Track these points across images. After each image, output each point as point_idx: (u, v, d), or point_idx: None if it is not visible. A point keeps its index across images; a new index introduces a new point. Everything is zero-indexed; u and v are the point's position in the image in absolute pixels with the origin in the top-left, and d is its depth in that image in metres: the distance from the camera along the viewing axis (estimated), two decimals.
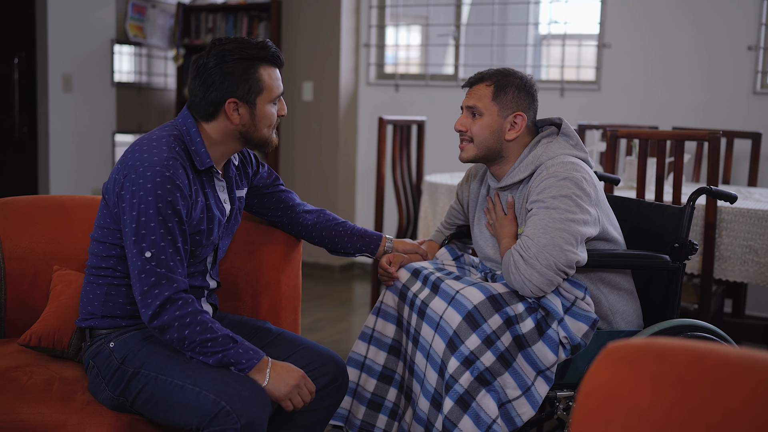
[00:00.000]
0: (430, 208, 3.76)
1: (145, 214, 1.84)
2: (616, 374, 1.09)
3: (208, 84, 1.96)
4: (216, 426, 1.79)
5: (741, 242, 2.99)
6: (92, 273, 2.00)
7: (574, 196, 2.06)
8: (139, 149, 1.91)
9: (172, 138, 1.94)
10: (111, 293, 1.98)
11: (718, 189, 2.31)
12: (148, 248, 1.84)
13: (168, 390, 1.86)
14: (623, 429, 1.05)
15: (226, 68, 1.95)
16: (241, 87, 1.96)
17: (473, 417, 2.00)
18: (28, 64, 5.39)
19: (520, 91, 2.19)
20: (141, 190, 1.85)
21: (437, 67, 5.90)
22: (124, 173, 1.89)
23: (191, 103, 2.01)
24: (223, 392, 1.81)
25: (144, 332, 1.98)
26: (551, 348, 2.07)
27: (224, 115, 1.98)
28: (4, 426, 1.90)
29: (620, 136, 3.07)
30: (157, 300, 1.83)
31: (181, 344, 1.86)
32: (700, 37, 4.70)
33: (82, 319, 2.02)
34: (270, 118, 2.03)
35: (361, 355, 2.33)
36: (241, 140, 2.04)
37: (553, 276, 2.03)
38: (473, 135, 2.20)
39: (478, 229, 2.35)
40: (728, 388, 1.01)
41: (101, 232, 1.98)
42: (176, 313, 1.84)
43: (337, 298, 5.09)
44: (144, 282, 1.84)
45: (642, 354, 1.09)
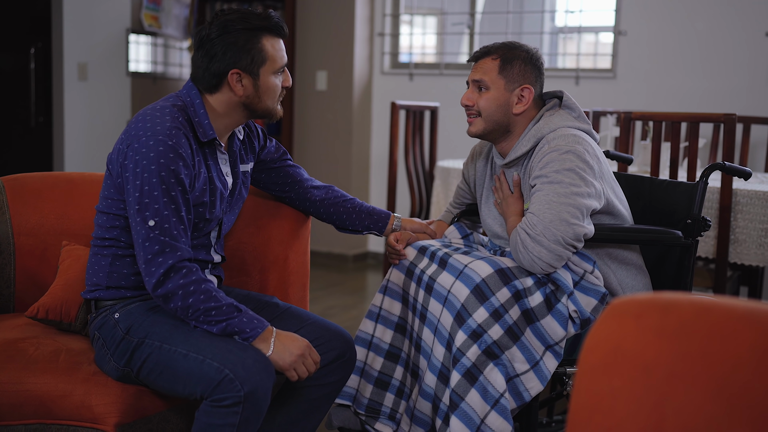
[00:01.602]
0: (442, 193, 3.74)
1: (149, 182, 1.84)
2: (621, 327, 1.07)
3: (211, 55, 1.94)
4: (219, 393, 1.78)
5: (757, 225, 2.95)
6: (97, 244, 2.00)
7: (577, 169, 2.04)
8: (143, 119, 1.91)
9: (176, 108, 1.94)
10: (115, 264, 1.97)
11: (732, 165, 2.28)
12: (151, 217, 1.83)
13: (172, 359, 1.85)
14: (627, 381, 1.03)
15: (228, 39, 1.93)
16: (244, 57, 1.94)
17: (480, 391, 1.98)
18: (44, 54, 5.42)
19: (527, 64, 2.16)
20: (144, 159, 1.84)
21: (452, 55, 5.88)
22: (127, 143, 1.88)
23: (194, 75, 2.00)
24: (227, 360, 1.80)
25: (149, 303, 1.98)
26: (560, 322, 2.05)
27: (227, 87, 1.97)
28: (12, 395, 1.91)
29: (634, 119, 3.04)
30: (161, 268, 1.82)
31: (185, 313, 1.85)
32: (716, 23, 4.66)
33: (88, 290, 2.02)
34: (274, 89, 2.01)
35: (369, 334, 2.32)
36: (245, 112, 2.02)
37: (562, 251, 2.01)
38: (480, 109, 2.17)
39: (485, 207, 2.33)
40: (733, 339, 0.99)
41: (105, 203, 1.98)
42: (180, 282, 1.83)
43: (350, 286, 5.09)
44: (148, 250, 1.83)
45: (647, 307, 1.07)
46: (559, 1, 5.72)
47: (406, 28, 5.84)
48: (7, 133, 5.59)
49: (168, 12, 5.95)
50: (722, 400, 0.96)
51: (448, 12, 5.74)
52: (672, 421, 0.99)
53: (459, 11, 5.67)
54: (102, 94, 5.56)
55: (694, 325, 1.02)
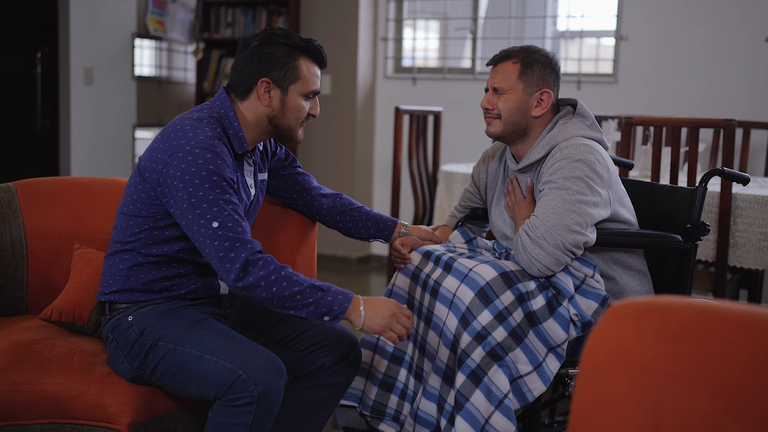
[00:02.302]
0: (445, 197, 3.79)
1: (202, 188, 1.87)
2: (621, 329, 1.11)
3: (248, 60, 2.01)
4: (233, 394, 1.83)
5: (756, 229, 2.99)
6: (118, 248, 2.04)
7: (586, 177, 2.08)
8: (182, 128, 1.94)
9: (213, 120, 1.99)
10: (134, 268, 2.01)
11: (730, 170, 2.32)
12: (213, 219, 1.86)
13: (186, 360, 1.90)
14: (627, 381, 1.08)
15: (268, 49, 2.00)
16: (277, 70, 2.00)
17: (485, 391, 2.02)
18: (51, 58, 5.47)
19: (546, 68, 2.20)
20: (192, 167, 1.87)
21: (454, 60, 5.92)
22: (169, 152, 1.91)
23: (231, 81, 2.06)
24: (240, 361, 1.85)
25: (161, 307, 2.02)
26: (562, 325, 2.09)
27: (256, 95, 2.02)
28: (28, 394, 1.95)
29: (635, 124, 3.09)
30: (236, 263, 1.84)
31: (271, 303, 1.88)
32: (717, 28, 4.70)
33: (102, 293, 2.06)
34: (300, 111, 2.06)
35: (374, 337, 2.36)
36: (269, 127, 2.07)
37: (561, 255, 2.05)
38: (500, 111, 2.20)
39: (496, 210, 2.37)
40: (729, 340, 1.03)
41: (133, 207, 2.00)
42: (260, 273, 1.85)
43: (354, 289, 5.12)
44: (219, 248, 1.85)
45: (646, 310, 1.12)
46: (561, 6, 5.76)
47: (409, 33, 5.90)
48: (13, 137, 5.65)
49: (173, 17, 6.00)
50: (718, 399, 1.00)
51: (451, 17, 5.79)
52: (669, 419, 1.03)
53: (462, 16, 5.72)
54: (108, 97, 5.62)
55: (691, 328, 1.06)
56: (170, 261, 2.02)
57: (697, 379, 1.03)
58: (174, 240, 2.01)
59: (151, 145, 2.01)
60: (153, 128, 6.01)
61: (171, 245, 2.01)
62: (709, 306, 1.08)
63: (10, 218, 2.40)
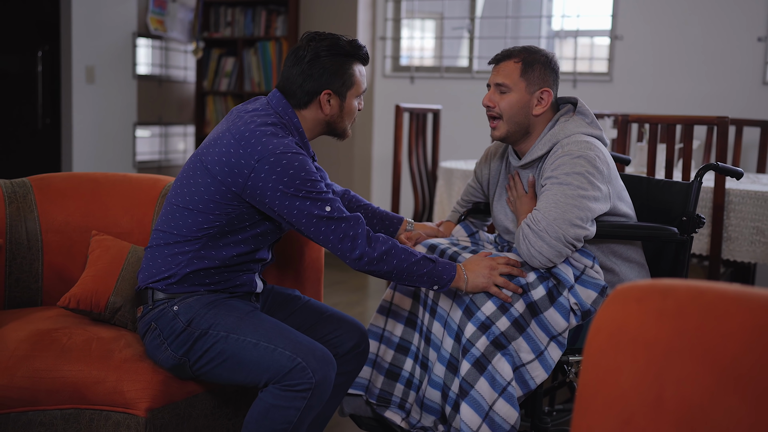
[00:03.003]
0: (445, 193, 3.86)
1: (304, 186, 1.98)
2: (625, 310, 1.19)
3: (306, 74, 2.09)
4: (291, 380, 1.92)
5: (749, 223, 3.07)
6: (172, 239, 2.08)
7: (586, 173, 2.15)
8: (263, 135, 2.01)
9: (281, 127, 2.07)
10: (194, 261, 2.07)
11: (724, 165, 2.40)
12: (324, 205, 2.00)
13: (240, 348, 1.97)
14: (630, 357, 1.15)
15: (324, 62, 2.09)
16: (337, 81, 2.10)
17: (489, 379, 2.10)
18: (52, 57, 5.53)
19: (546, 67, 2.27)
20: (290, 168, 1.98)
21: (452, 59, 6.00)
22: (256, 158, 1.98)
23: (287, 90, 2.12)
24: (299, 350, 1.94)
25: (205, 298, 2.08)
26: (562, 314, 2.16)
27: (317, 105, 2.12)
28: (48, 381, 2.02)
29: (631, 121, 3.17)
30: (357, 239, 2.01)
31: (391, 275, 2.05)
32: (710, 28, 4.79)
33: (147, 282, 2.09)
34: (354, 111, 2.18)
35: (380, 328, 2.44)
36: (325, 128, 2.18)
37: (562, 248, 2.12)
38: (502, 111, 2.26)
39: (498, 204, 2.44)
40: (725, 318, 1.11)
41: (203, 206, 2.04)
42: (382, 248, 2.03)
43: (353, 284, 5.21)
44: (337, 231, 2.01)
45: (648, 291, 1.19)
46: (556, 6, 5.85)
47: (406, 32, 5.97)
48: (15, 135, 5.70)
49: (173, 16, 6.06)
50: (715, 372, 1.08)
51: (448, 16, 5.87)
52: (670, 391, 1.10)
53: (458, 16, 5.80)
54: (109, 96, 5.67)
55: (690, 307, 1.14)
56: (230, 261, 2.09)
57: (696, 354, 1.10)
58: (241, 242, 2.09)
59: (219, 149, 2.04)
60: (153, 126, 6.07)
61: (237, 246, 2.09)
62: (707, 287, 1.15)
63: (26, 212, 2.47)
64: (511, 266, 2.13)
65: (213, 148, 2.05)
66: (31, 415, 2.04)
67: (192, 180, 2.07)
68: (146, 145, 6.06)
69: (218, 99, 6.06)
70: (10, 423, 2.03)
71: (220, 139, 2.05)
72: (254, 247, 2.12)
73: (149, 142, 6.09)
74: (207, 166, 2.05)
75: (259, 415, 1.94)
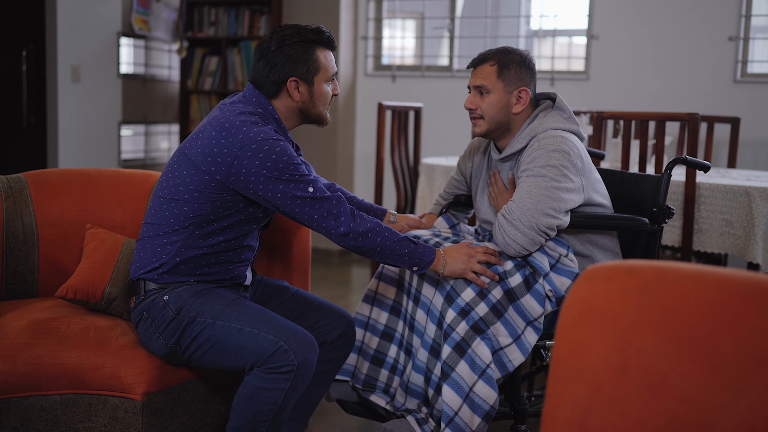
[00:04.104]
0: (427, 188, 3.97)
1: (287, 169, 2.07)
2: (594, 288, 1.29)
3: (271, 65, 2.17)
4: (273, 362, 2.01)
5: (718, 216, 3.19)
6: (160, 230, 2.16)
7: (560, 166, 2.26)
8: (243, 124, 2.09)
9: (259, 116, 2.15)
10: (182, 250, 2.15)
11: (693, 159, 2.52)
12: (306, 186, 2.09)
13: (226, 333, 2.06)
14: (598, 331, 1.26)
15: (287, 51, 2.17)
16: (301, 67, 2.18)
17: (469, 362, 2.20)
18: (36, 57, 5.58)
19: (521, 66, 2.38)
20: (273, 154, 2.06)
21: (432, 58, 6.11)
22: (238, 146, 2.06)
23: (257, 83, 2.21)
24: (281, 334, 2.03)
25: (194, 287, 2.16)
26: (538, 300, 2.27)
27: (286, 93, 2.20)
28: (49, 367, 2.11)
29: (606, 118, 3.29)
30: (341, 217, 2.10)
31: (374, 252, 2.15)
32: (683, 28, 4.93)
33: (139, 273, 2.17)
34: (326, 96, 2.25)
35: (365, 316, 2.54)
36: (301, 116, 2.26)
37: (535, 236, 2.23)
38: (483, 112, 2.37)
39: (481, 197, 2.55)
40: (684, 294, 1.21)
41: (188, 196, 2.13)
42: (367, 225, 2.12)
43: (337, 279, 5.30)
44: (321, 210, 2.10)
45: (614, 271, 1.30)
46: (535, 6, 5.97)
47: (388, 32, 6.07)
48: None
49: (157, 16, 6.13)
50: (675, 342, 1.18)
51: (429, 16, 5.97)
52: (635, 362, 1.21)
53: (439, 16, 5.91)
54: (94, 95, 5.73)
55: (653, 285, 1.24)
56: (217, 248, 2.18)
57: (658, 327, 1.21)
58: (226, 229, 2.17)
59: (201, 141, 2.12)
60: (138, 125, 6.13)
61: (223, 233, 2.17)
62: (668, 266, 1.26)
63: (22, 207, 2.54)
64: (489, 255, 2.23)
65: (196, 141, 2.14)
66: (32, 400, 2.12)
67: (177, 173, 2.16)
68: (130, 144, 6.12)
69: (202, 98, 6.13)
70: (12, 407, 2.11)
71: (202, 132, 2.14)
72: (240, 233, 2.20)
73: (133, 141, 6.15)
74: (191, 159, 2.13)
75: (246, 398, 2.04)
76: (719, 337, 1.16)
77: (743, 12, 4.77)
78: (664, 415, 1.17)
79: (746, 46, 4.83)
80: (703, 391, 1.14)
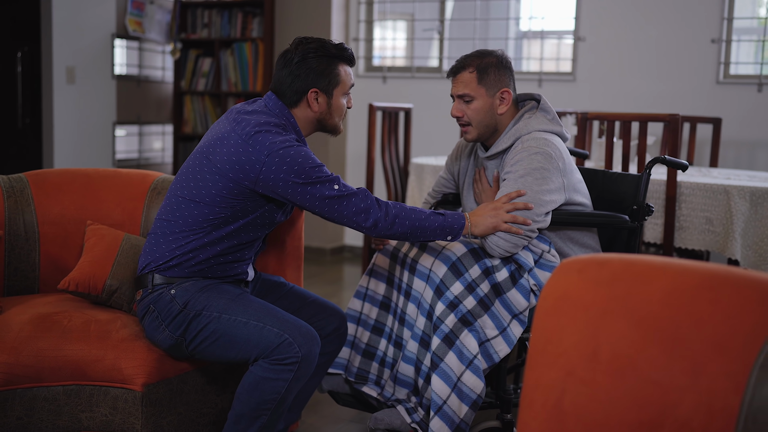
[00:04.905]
0: (416, 188, 4.06)
1: (312, 171, 2.16)
2: (568, 279, 1.39)
3: (295, 75, 2.27)
4: (279, 354, 2.10)
5: (699, 213, 3.29)
6: (176, 228, 2.24)
7: (542, 168, 2.35)
8: (268, 132, 2.18)
9: (282, 126, 2.24)
10: (196, 249, 2.23)
11: (671, 158, 2.61)
12: (332, 185, 2.18)
13: (232, 326, 2.15)
14: (571, 318, 1.35)
15: (310, 64, 2.27)
16: (323, 80, 2.28)
17: (457, 353, 2.29)
18: (31, 58, 5.65)
19: (500, 68, 2.46)
20: (299, 158, 2.15)
21: (422, 59, 6.21)
22: (266, 153, 2.15)
23: (278, 90, 2.30)
24: (285, 327, 2.13)
25: (202, 282, 2.25)
26: (523, 294, 2.37)
27: (306, 103, 2.29)
28: (51, 359, 2.20)
29: (590, 118, 3.38)
30: (370, 210, 2.20)
31: (406, 235, 2.25)
32: (667, 30, 5.04)
33: (149, 267, 2.25)
34: (342, 108, 2.35)
35: (357, 311, 2.63)
36: (317, 125, 2.36)
37: (518, 239, 2.32)
38: (470, 119, 2.46)
39: (467, 194, 2.65)
40: (649, 283, 1.31)
41: (210, 199, 2.21)
42: (393, 212, 2.22)
43: (328, 277, 5.39)
44: (349, 206, 2.19)
45: (587, 263, 1.39)
46: (524, 8, 6.07)
47: (378, 33, 6.16)
48: None
49: (151, 18, 6.20)
50: (641, 328, 1.28)
51: (419, 18, 6.07)
52: (605, 347, 1.30)
53: (429, 18, 6.00)
54: (89, 96, 5.80)
55: (622, 275, 1.34)
56: (229, 249, 2.27)
57: (626, 314, 1.30)
58: (241, 233, 2.26)
59: (228, 149, 2.19)
60: (132, 125, 6.20)
61: (239, 236, 2.26)
62: (636, 259, 1.36)
63: (23, 206, 2.63)
64: (513, 202, 2.31)
65: (220, 148, 2.21)
66: (36, 391, 2.21)
67: (199, 175, 2.24)
68: (125, 144, 6.20)
69: (196, 99, 6.20)
70: (16, 398, 2.20)
71: (227, 139, 2.21)
72: (254, 237, 2.30)
73: (128, 141, 6.22)
74: (216, 165, 2.20)
75: (250, 387, 2.13)
76: (680, 323, 1.25)
77: (725, 15, 4.89)
78: (631, 395, 1.26)
79: (728, 48, 4.94)
80: (666, 373, 1.23)
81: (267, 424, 2.15)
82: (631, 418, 1.25)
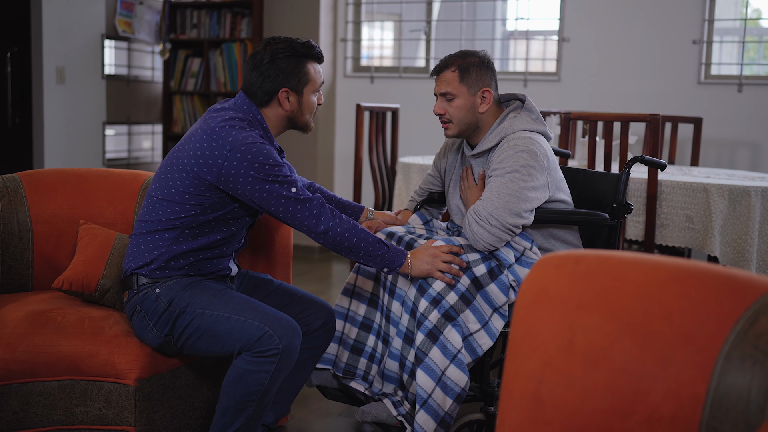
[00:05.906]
0: (404, 186, 4.13)
1: (272, 170, 2.22)
2: (545, 274, 1.45)
3: (264, 76, 2.32)
4: (260, 347, 2.16)
5: (679, 211, 3.36)
6: (152, 227, 2.30)
7: (528, 166, 2.42)
8: (232, 129, 2.24)
9: (249, 123, 2.30)
10: (173, 247, 2.29)
11: (650, 158, 2.68)
12: (290, 187, 2.24)
13: (215, 322, 2.21)
14: (549, 312, 1.42)
15: (279, 63, 2.32)
16: (292, 79, 2.33)
17: (441, 348, 2.35)
18: (21, 58, 5.68)
19: (481, 68, 2.53)
20: (260, 156, 2.21)
21: (410, 60, 6.27)
22: (228, 148, 2.21)
23: (249, 91, 2.36)
24: (266, 320, 2.18)
25: (185, 280, 2.31)
26: (503, 290, 2.43)
27: (277, 102, 2.35)
28: (46, 355, 2.25)
29: (573, 118, 3.45)
30: (321, 216, 2.26)
31: (349, 251, 2.30)
32: (649, 31, 5.13)
33: (133, 268, 2.30)
34: (313, 105, 2.41)
35: (345, 308, 2.69)
36: (288, 123, 2.41)
37: (501, 234, 2.39)
38: (452, 117, 2.53)
39: (453, 192, 2.71)
40: (623, 278, 1.37)
41: (180, 197, 2.27)
42: (344, 226, 2.28)
43: (317, 275, 5.44)
44: (302, 209, 2.25)
45: (564, 259, 1.46)
46: (510, 9, 6.14)
47: (366, 33, 6.22)
48: None
49: (140, 18, 6.24)
50: (614, 321, 1.34)
51: (406, 19, 6.13)
52: (580, 338, 1.36)
53: (416, 18, 6.06)
54: (79, 96, 5.84)
55: (597, 270, 1.40)
56: (206, 246, 2.32)
57: (600, 307, 1.36)
58: (214, 229, 2.31)
59: (192, 145, 2.26)
60: (121, 125, 6.24)
61: (212, 233, 2.31)
62: (611, 254, 1.43)
63: (17, 205, 2.68)
64: (453, 254, 2.38)
65: (187, 146, 2.28)
66: (31, 386, 2.26)
67: (169, 175, 2.30)
68: (114, 143, 6.23)
69: (185, 99, 6.24)
70: (12, 393, 2.25)
71: (193, 137, 2.28)
72: (228, 233, 2.35)
73: (117, 140, 6.26)
74: (183, 162, 2.27)
75: (234, 380, 2.19)
76: (651, 315, 1.31)
77: (707, 16, 4.98)
78: (605, 385, 1.32)
79: (709, 49, 5.03)
80: (638, 363, 1.29)
81: (253, 416, 2.21)
82: (605, 405, 1.31)
